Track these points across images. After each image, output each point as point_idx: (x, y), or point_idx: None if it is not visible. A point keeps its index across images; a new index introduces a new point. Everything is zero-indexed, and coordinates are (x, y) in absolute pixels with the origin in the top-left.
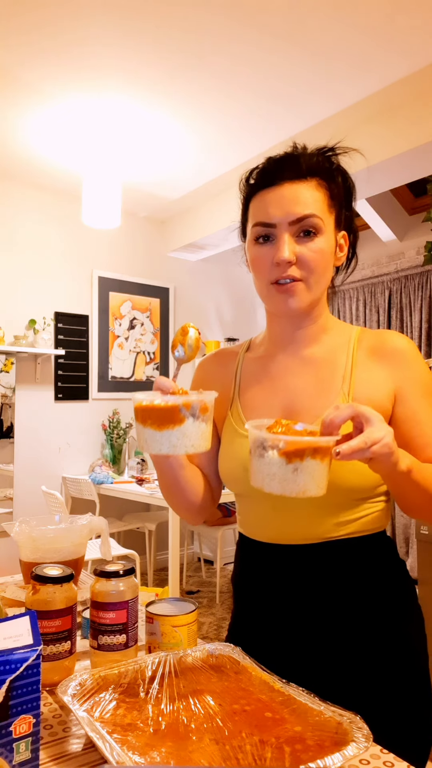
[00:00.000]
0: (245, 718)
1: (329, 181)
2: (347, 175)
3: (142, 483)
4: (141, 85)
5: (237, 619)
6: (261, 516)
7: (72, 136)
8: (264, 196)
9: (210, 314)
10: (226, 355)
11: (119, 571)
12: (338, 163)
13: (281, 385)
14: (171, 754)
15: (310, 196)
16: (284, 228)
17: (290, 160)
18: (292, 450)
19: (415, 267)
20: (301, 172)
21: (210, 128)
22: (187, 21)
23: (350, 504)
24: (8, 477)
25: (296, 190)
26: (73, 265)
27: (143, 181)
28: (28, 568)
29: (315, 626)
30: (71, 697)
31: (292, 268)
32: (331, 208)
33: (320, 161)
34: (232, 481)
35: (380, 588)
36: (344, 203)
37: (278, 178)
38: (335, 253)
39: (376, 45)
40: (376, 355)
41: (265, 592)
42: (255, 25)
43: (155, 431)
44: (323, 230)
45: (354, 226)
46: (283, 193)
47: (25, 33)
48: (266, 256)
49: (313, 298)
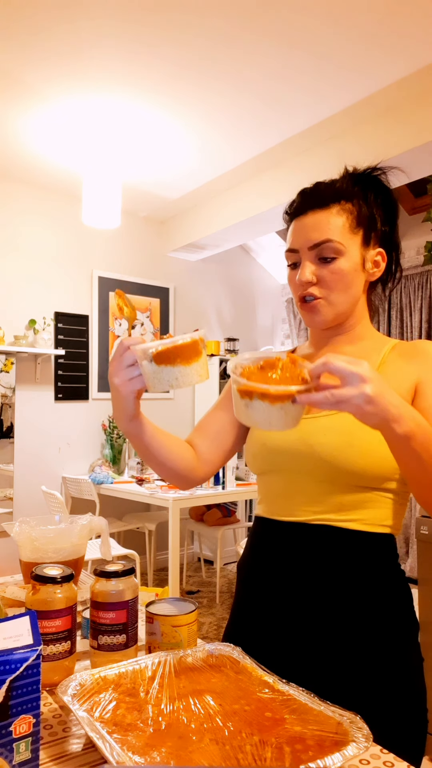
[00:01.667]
0: (245, 718)
1: (356, 204)
2: (387, 193)
3: (142, 483)
4: (141, 86)
5: (239, 605)
6: (275, 490)
7: (72, 137)
8: (294, 225)
9: (210, 314)
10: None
11: (119, 571)
12: (384, 182)
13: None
14: (171, 754)
15: (330, 223)
16: (305, 253)
17: (314, 192)
18: (243, 389)
19: (415, 267)
20: (322, 202)
21: (210, 128)
22: (187, 23)
23: (353, 489)
24: (8, 477)
25: (317, 219)
26: (73, 265)
27: (143, 181)
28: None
29: (313, 614)
30: (71, 697)
31: (313, 287)
32: (355, 230)
33: (346, 187)
34: (253, 457)
35: (379, 587)
36: (380, 221)
37: (303, 209)
38: (364, 269)
39: (375, 46)
40: (406, 356)
41: (269, 571)
42: (254, 27)
43: (185, 367)
44: (344, 252)
45: (395, 240)
46: (305, 222)
47: (26, 35)
48: (294, 278)
49: (336, 312)
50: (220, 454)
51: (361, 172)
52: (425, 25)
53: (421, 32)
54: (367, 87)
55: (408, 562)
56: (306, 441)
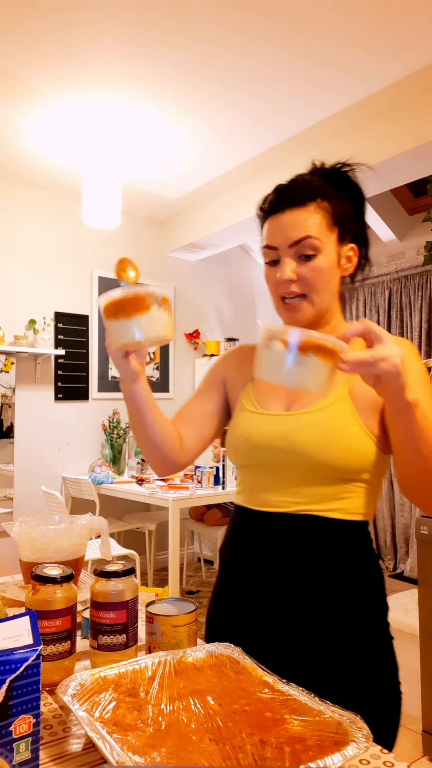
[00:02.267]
0: (245, 718)
1: (332, 201)
2: (357, 190)
3: (142, 483)
4: (141, 87)
5: (219, 586)
6: (256, 483)
7: (72, 137)
8: (271, 222)
9: (210, 314)
10: (248, 350)
11: (119, 571)
12: (353, 178)
13: None
14: (171, 754)
15: (308, 220)
16: (285, 251)
17: (291, 189)
18: (307, 343)
19: (415, 267)
20: (300, 199)
21: (209, 129)
22: (187, 24)
23: (333, 481)
24: (8, 477)
25: (295, 216)
26: (73, 265)
27: (143, 181)
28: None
29: (293, 598)
30: (71, 697)
31: (294, 284)
32: (332, 227)
33: (322, 184)
34: (235, 450)
35: (356, 571)
36: (352, 217)
37: (281, 206)
38: (339, 265)
39: (374, 47)
40: None
41: (252, 559)
42: (254, 28)
43: (126, 320)
44: (322, 249)
45: (364, 236)
46: (284, 219)
47: (26, 35)
48: (273, 276)
49: (316, 310)
50: (200, 442)
51: (332, 168)
52: (424, 25)
53: (420, 33)
54: (366, 87)
55: (408, 562)
56: (288, 437)
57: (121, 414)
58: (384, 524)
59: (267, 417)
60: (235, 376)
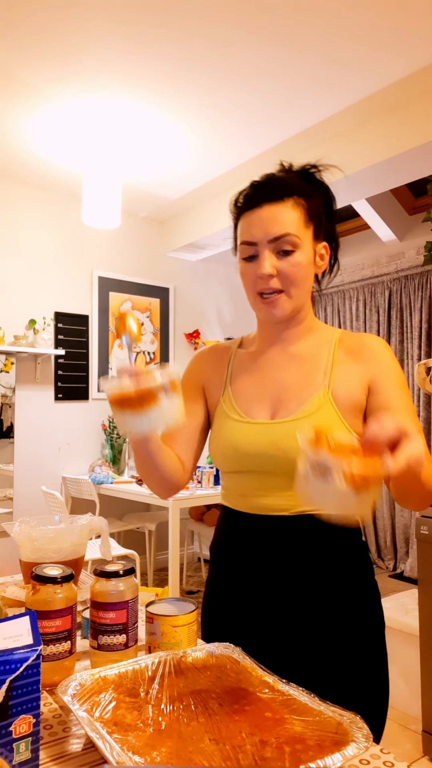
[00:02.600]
0: (245, 718)
1: (307, 199)
2: (327, 190)
3: (142, 483)
4: (141, 86)
5: (211, 585)
6: (244, 489)
7: (72, 136)
8: (248, 217)
9: (210, 314)
10: (220, 350)
11: (119, 571)
12: (320, 179)
13: (269, 377)
14: (171, 754)
15: (286, 216)
16: (264, 246)
17: (269, 185)
18: (360, 479)
19: (415, 267)
20: (278, 195)
21: (210, 128)
22: (187, 23)
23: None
24: (8, 477)
25: (274, 212)
26: (73, 265)
27: (143, 181)
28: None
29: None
30: (71, 697)
31: (273, 280)
32: (308, 224)
33: (297, 182)
34: (222, 459)
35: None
36: (324, 216)
37: (258, 201)
38: (314, 263)
39: (375, 46)
40: (354, 354)
41: (240, 558)
42: (254, 28)
43: (134, 414)
44: (300, 245)
45: (335, 235)
46: (262, 215)
47: (26, 35)
48: (251, 271)
49: (294, 306)
50: (195, 457)
51: (302, 169)
52: (425, 24)
53: (421, 32)
54: (367, 87)
55: (408, 562)
56: (277, 445)
57: None
58: (384, 524)
59: (253, 426)
60: (212, 379)
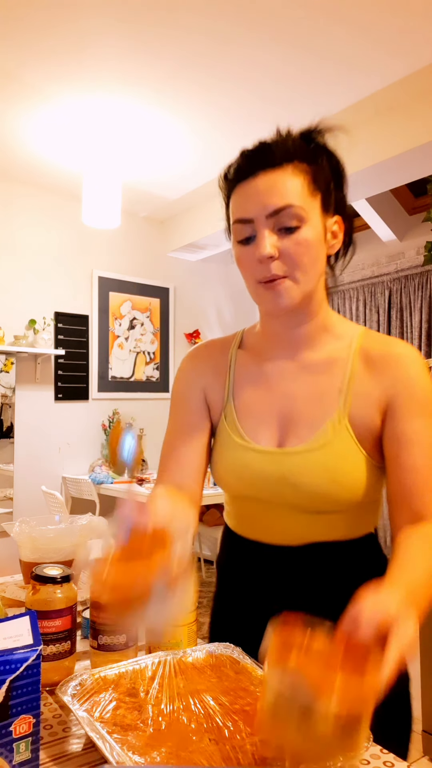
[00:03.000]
0: (245, 718)
1: (310, 163)
2: (333, 153)
3: (142, 483)
4: (141, 86)
5: (219, 604)
6: (250, 516)
7: (72, 136)
8: (240, 191)
9: (210, 314)
10: (218, 349)
11: None
12: (323, 142)
13: (277, 392)
14: (171, 754)
15: (286, 184)
16: (262, 222)
17: (263, 150)
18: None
19: (415, 267)
20: (274, 160)
21: (210, 128)
22: (187, 22)
23: (338, 511)
24: (8, 477)
25: (271, 180)
26: (73, 265)
27: (143, 181)
28: (28, 568)
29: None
30: (71, 697)
31: (275, 264)
32: (314, 193)
33: (296, 144)
34: (224, 483)
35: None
36: (333, 184)
37: (252, 169)
38: (325, 240)
39: (376, 45)
40: (374, 366)
41: (248, 586)
42: (254, 27)
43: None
44: (306, 219)
45: (348, 208)
46: (257, 185)
47: (25, 34)
48: (249, 255)
49: (303, 292)
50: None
51: (303, 132)
52: (426, 24)
53: (422, 32)
54: (367, 86)
55: None
56: (287, 479)
57: (121, 414)
58: (384, 523)
59: (259, 454)
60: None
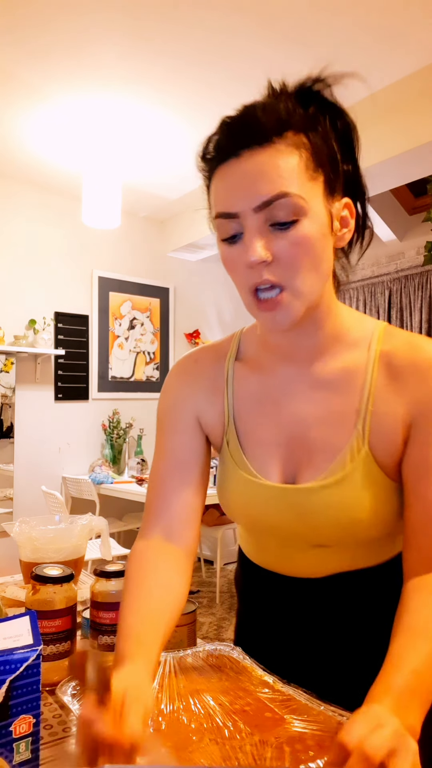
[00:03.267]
0: (245, 718)
1: (310, 132)
2: (341, 112)
3: (142, 483)
4: (141, 85)
5: (242, 625)
6: (264, 548)
7: (72, 136)
8: (222, 175)
9: (210, 314)
10: (209, 361)
11: (119, 571)
12: (328, 97)
13: (286, 414)
14: (171, 753)
15: (279, 166)
16: (249, 217)
17: (247, 121)
18: None
19: (415, 267)
20: (263, 134)
21: (211, 127)
22: (188, 20)
23: (359, 547)
24: (8, 477)
25: (258, 162)
26: (73, 265)
27: (143, 181)
28: (28, 568)
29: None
30: (71, 697)
31: (269, 268)
32: (315, 172)
33: (291, 108)
34: (233, 518)
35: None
36: (340, 156)
37: (234, 147)
38: (332, 231)
39: (376, 45)
40: (399, 376)
41: (271, 614)
42: (256, 24)
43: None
44: (305, 210)
45: (361, 181)
46: (241, 168)
47: (24, 32)
48: (237, 257)
49: (307, 303)
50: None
51: (302, 88)
52: (426, 24)
53: (422, 32)
54: (368, 86)
55: None
56: (302, 519)
57: (121, 414)
58: None
59: (269, 490)
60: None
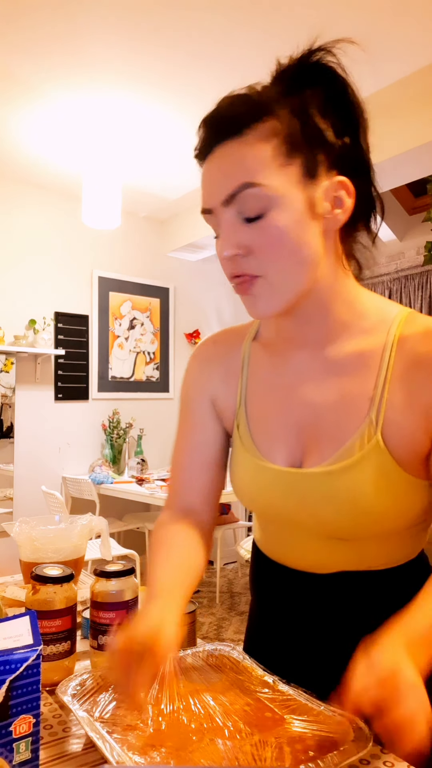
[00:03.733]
0: (245, 718)
1: (284, 115)
2: (335, 76)
3: (142, 483)
4: (141, 84)
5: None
6: (273, 536)
7: (72, 136)
8: (203, 172)
9: (210, 314)
10: (228, 344)
11: (119, 571)
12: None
13: (297, 397)
14: (171, 754)
15: (244, 156)
16: (220, 212)
17: (219, 113)
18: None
19: (415, 267)
20: (233, 127)
21: None
22: (188, 18)
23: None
24: (8, 477)
25: (226, 156)
26: (73, 265)
27: (143, 181)
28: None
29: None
30: (71, 697)
31: (245, 260)
32: (289, 156)
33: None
34: (243, 501)
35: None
36: (330, 131)
37: (210, 143)
38: (315, 214)
39: (376, 45)
40: (421, 366)
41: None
42: (256, 23)
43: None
44: (274, 197)
45: (363, 155)
46: (214, 164)
47: (23, 32)
48: (219, 251)
49: (285, 293)
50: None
51: (296, 61)
52: (425, 25)
53: (422, 33)
54: (367, 86)
55: None
56: (308, 510)
57: (121, 414)
58: None
59: (275, 473)
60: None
